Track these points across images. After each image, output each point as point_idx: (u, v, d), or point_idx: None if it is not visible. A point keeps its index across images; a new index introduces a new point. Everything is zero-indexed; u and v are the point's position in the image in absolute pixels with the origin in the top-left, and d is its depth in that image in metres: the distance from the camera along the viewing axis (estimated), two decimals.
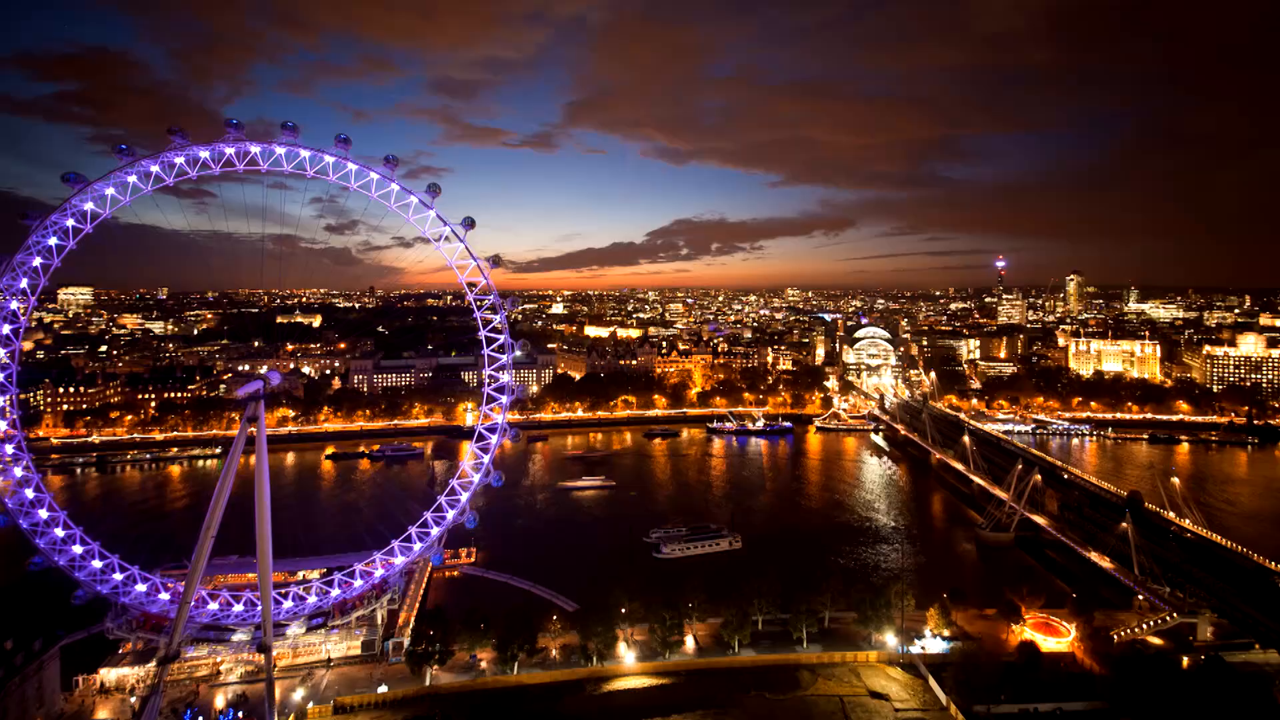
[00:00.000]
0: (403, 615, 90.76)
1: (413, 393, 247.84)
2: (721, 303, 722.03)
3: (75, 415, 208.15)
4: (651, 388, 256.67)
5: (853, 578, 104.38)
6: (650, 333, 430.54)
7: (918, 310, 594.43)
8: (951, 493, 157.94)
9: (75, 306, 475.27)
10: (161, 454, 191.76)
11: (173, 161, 75.73)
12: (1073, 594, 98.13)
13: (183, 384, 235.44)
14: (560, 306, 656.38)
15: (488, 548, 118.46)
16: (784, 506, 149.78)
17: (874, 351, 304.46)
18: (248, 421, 72.31)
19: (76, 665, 76.08)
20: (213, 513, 70.57)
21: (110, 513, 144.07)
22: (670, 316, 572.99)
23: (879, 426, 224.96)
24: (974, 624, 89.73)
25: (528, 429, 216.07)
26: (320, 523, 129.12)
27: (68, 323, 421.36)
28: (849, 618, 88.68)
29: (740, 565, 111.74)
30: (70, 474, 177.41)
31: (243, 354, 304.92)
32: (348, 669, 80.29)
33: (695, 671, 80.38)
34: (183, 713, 70.47)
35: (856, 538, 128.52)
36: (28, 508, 73.17)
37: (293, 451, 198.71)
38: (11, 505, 72.12)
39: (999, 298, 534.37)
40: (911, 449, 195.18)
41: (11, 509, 72.05)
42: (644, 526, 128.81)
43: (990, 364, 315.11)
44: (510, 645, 78.07)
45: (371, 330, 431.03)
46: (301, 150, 78.42)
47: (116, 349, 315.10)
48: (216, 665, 79.01)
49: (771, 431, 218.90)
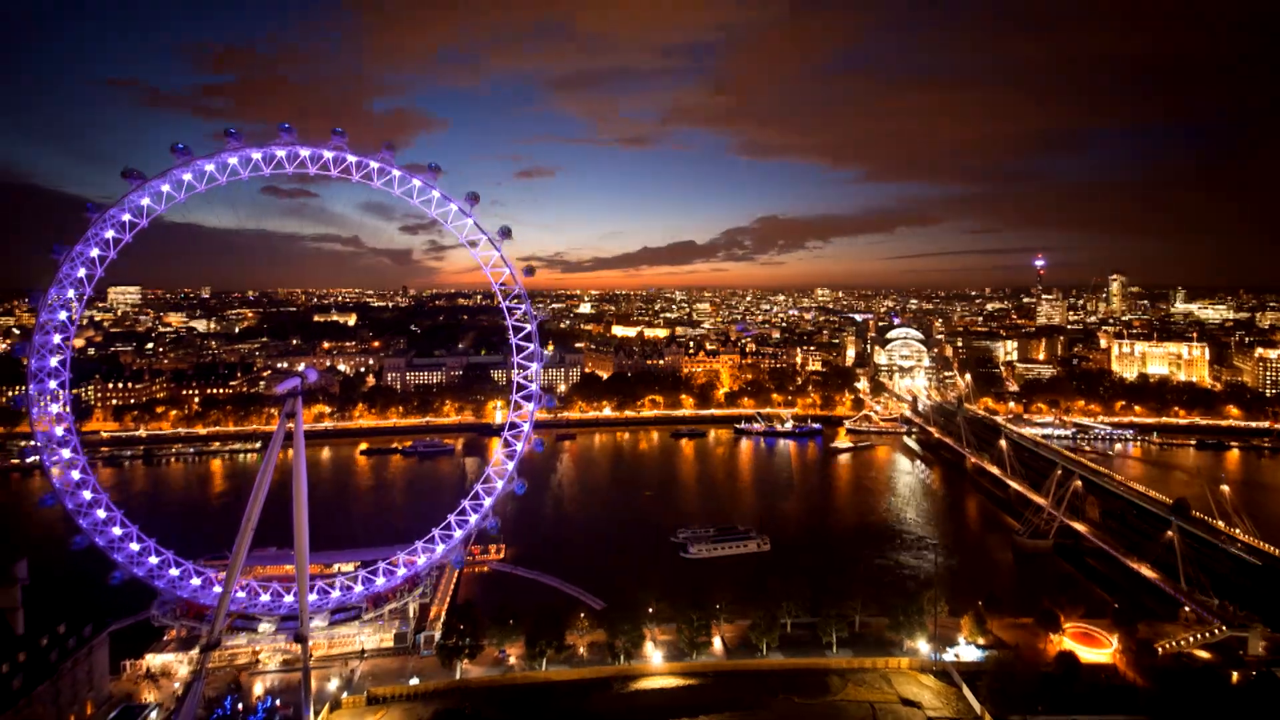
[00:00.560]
0: (434, 609, 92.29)
1: (444, 390, 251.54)
2: (749, 303, 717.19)
3: (123, 410, 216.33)
4: (679, 388, 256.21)
5: (883, 583, 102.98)
6: (677, 333, 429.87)
7: (952, 310, 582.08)
8: (987, 498, 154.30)
9: (124, 305, 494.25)
10: (204, 448, 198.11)
11: (226, 162, 78.45)
12: (1114, 604, 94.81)
13: (224, 380, 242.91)
14: (588, 306, 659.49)
15: (516, 544, 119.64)
16: (813, 509, 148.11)
17: (906, 353, 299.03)
18: (286, 417, 74.42)
19: (124, 650, 79.04)
20: (252, 505, 72.69)
21: (155, 504, 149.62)
22: (697, 316, 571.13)
23: (912, 429, 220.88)
24: (1010, 632, 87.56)
25: (555, 427, 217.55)
26: (354, 517, 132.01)
27: (116, 321, 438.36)
28: (880, 623, 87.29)
29: (768, 567, 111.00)
30: (119, 466, 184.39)
31: (281, 351, 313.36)
32: (381, 660, 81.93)
33: (723, 673, 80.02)
34: (223, 699, 72.69)
35: (887, 542, 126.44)
36: (74, 489, 76.16)
37: (328, 447, 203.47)
38: (59, 486, 75.20)
39: (1038, 298, 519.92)
40: (945, 452, 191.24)
41: (59, 490, 75.16)
42: (670, 526, 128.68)
43: (1028, 366, 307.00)
44: (539, 642, 78.76)
45: (404, 329, 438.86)
46: (349, 155, 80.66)
47: (162, 346, 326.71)
48: (255, 654, 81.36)
49: (800, 433, 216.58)
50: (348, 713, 73.15)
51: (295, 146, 79.31)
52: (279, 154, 79.09)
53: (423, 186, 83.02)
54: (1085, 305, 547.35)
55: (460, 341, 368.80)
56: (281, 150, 79.00)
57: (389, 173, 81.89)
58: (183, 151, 76.91)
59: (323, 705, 72.12)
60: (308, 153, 79.69)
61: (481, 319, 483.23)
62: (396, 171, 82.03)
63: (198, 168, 77.59)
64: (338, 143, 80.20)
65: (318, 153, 79.85)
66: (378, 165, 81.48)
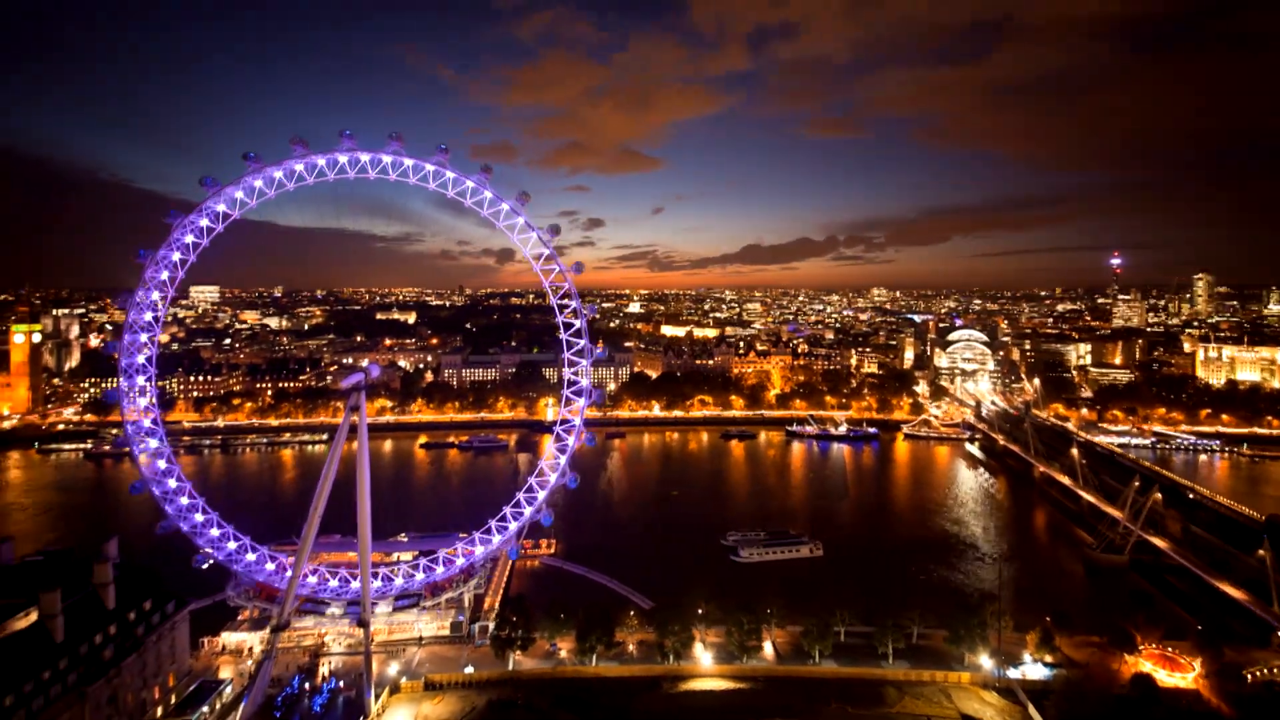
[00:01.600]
0: (488, 600, 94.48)
1: (498, 387, 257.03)
2: (801, 303, 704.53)
3: (203, 401, 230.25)
4: (728, 388, 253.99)
5: (943, 594, 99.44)
6: (727, 333, 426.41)
7: (1019, 311, 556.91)
8: (1056, 509, 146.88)
9: (204, 303, 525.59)
10: (276, 438, 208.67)
11: (293, 169, 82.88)
12: (1198, 626, 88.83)
13: (295, 374, 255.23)
14: (637, 305, 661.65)
15: (566, 540, 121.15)
16: (868, 516, 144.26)
17: (969, 355, 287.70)
18: (351, 410, 77.94)
19: (202, 628, 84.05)
20: (319, 495, 76.30)
21: (231, 491, 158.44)
22: (748, 316, 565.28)
23: (974, 435, 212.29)
24: (1080, 651, 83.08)
25: (605, 426, 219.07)
26: (413, 508, 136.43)
27: (198, 318, 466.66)
28: (939, 635, 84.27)
29: (821, 574, 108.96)
30: (198, 454, 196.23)
31: (347, 348, 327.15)
32: (437, 648, 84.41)
33: (774, 679, 78.86)
34: (291, 679, 76.38)
35: (947, 552, 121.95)
36: (160, 477, 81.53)
37: (390, 439, 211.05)
38: (147, 474, 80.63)
39: (1114, 298, 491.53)
40: (1011, 460, 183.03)
41: (147, 477, 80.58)
42: (720, 528, 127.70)
43: (1103, 371, 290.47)
44: (589, 637, 79.54)
45: (461, 327, 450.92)
46: (405, 159, 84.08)
47: (238, 342, 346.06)
48: (321, 637, 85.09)
49: (855, 437, 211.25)
50: (406, 697, 75.64)
51: (355, 152, 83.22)
52: (341, 159, 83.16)
53: (475, 187, 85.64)
54: (1167, 306, 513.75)
55: (513, 340, 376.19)
56: (344, 156, 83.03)
57: (443, 175, 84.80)
58: (254, 160, 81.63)
59: (383, 689, 74.79)
60: (367, 157, 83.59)
61: (534, 318, 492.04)
62: (450, 174, 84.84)
63: (268, 174, 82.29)
64: (395, 147, 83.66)
65: (376, 158, 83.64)
66: (433, 168, 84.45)
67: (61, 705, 58.76)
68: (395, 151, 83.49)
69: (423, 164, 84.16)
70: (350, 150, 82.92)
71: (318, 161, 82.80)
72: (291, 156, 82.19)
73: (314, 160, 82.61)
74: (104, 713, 62.69)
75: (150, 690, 69.22)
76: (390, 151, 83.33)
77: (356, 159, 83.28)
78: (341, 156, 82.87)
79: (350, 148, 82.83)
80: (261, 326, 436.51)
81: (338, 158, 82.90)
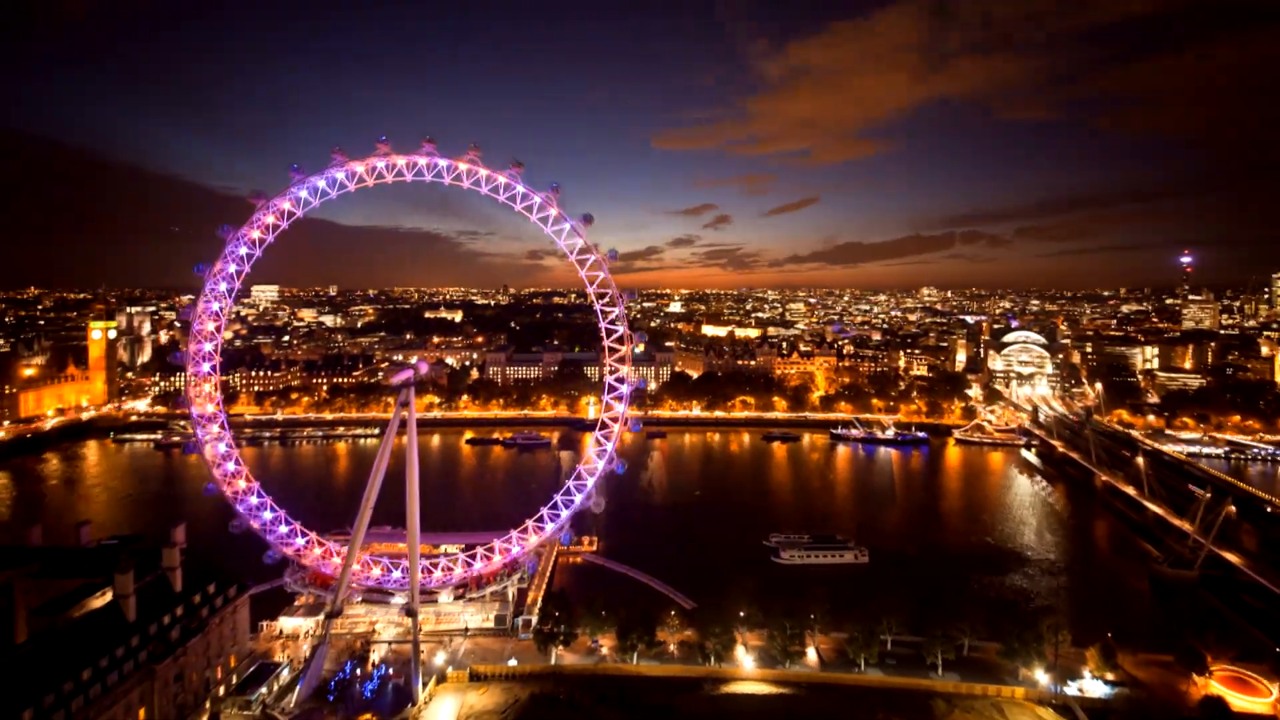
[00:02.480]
0: (531, 594, 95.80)
1: (540, 385, 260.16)
2: (847, 303, 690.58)
3: (264, 395, 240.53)
4: (771, 389, 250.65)
5: (996, 605, 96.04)
6: (769, 333, 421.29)
7: (1080, 312, 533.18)
8: (1119, 520, 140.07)
9: (265, 301, 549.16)
10: (331, 432, 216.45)
11: (376, 166, 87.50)
12: (1276, 648, 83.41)
13: (348, 370, 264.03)
14: (678, 305, 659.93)
15: (607, 538, 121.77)
16: (917, 522, 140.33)
17: (1026, 358, 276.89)
18: (401, 406, 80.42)
19: (261, 612, 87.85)
20: (371, 487, 78.90)
21: (290, 482, 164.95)
22: (791, 316, 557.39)
23: (1031, 442, 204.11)
24: (1144, 670, 78.99)
25: (646, 424, 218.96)
26: (459, 502, 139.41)
27: (258, 316, 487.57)
28: (991, 648, 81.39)
29: (867, 580, 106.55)
30: (259, 446, 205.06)
31: (397, 345, 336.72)
32: (482, 639, 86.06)
33: (817, 685, 77.52)
34: (344, 664, 79.06)
35: (1001, 562, 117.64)
36: (230, 479, 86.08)
37: (437, 434, 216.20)
38: (218, 475, 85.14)
39: (1183, 299, 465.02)
40: (1070, 469, 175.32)
41: (218, 479, 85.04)
42: (762, 530, 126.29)
43: (1172, 375, 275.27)
44: (630, 635, 79.77)
45: (505, 326, 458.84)
46: (481, 169, 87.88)
47: (296, 339, 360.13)
48: (372, 624, 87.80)
49: (904, 441, 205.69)
50: (452, 687, 77.31)
51: (435, 157, 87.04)
52: (420, 162, 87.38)
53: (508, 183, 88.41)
54: (1243, 307, 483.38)
55: (555, 339, 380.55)
56: (423, 159, 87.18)
57: (514, 188, 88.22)
58: (297, 171, 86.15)
59: (430, 678, 76.65)
60: (445, 163, 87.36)
61: (575, 317, 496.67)
62: (521, 188, 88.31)
63: (351, 170, 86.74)
64: (473, 156, 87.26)
65: (453, 164, 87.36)
66: (505, 180, 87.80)
67: (133, 681, 62.21)
68: (472, 161, 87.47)
69: (496, 176, 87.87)
70: (430, 155, 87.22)
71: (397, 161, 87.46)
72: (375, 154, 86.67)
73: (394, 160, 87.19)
74: (171, 690, 66.10)
75: (213, 670, 72.65)
76: (467, 160, 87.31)
77: (435, 163, 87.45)
78: (421, 159, 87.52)
79: (430, 152, 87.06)
80: (318, 324, 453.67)
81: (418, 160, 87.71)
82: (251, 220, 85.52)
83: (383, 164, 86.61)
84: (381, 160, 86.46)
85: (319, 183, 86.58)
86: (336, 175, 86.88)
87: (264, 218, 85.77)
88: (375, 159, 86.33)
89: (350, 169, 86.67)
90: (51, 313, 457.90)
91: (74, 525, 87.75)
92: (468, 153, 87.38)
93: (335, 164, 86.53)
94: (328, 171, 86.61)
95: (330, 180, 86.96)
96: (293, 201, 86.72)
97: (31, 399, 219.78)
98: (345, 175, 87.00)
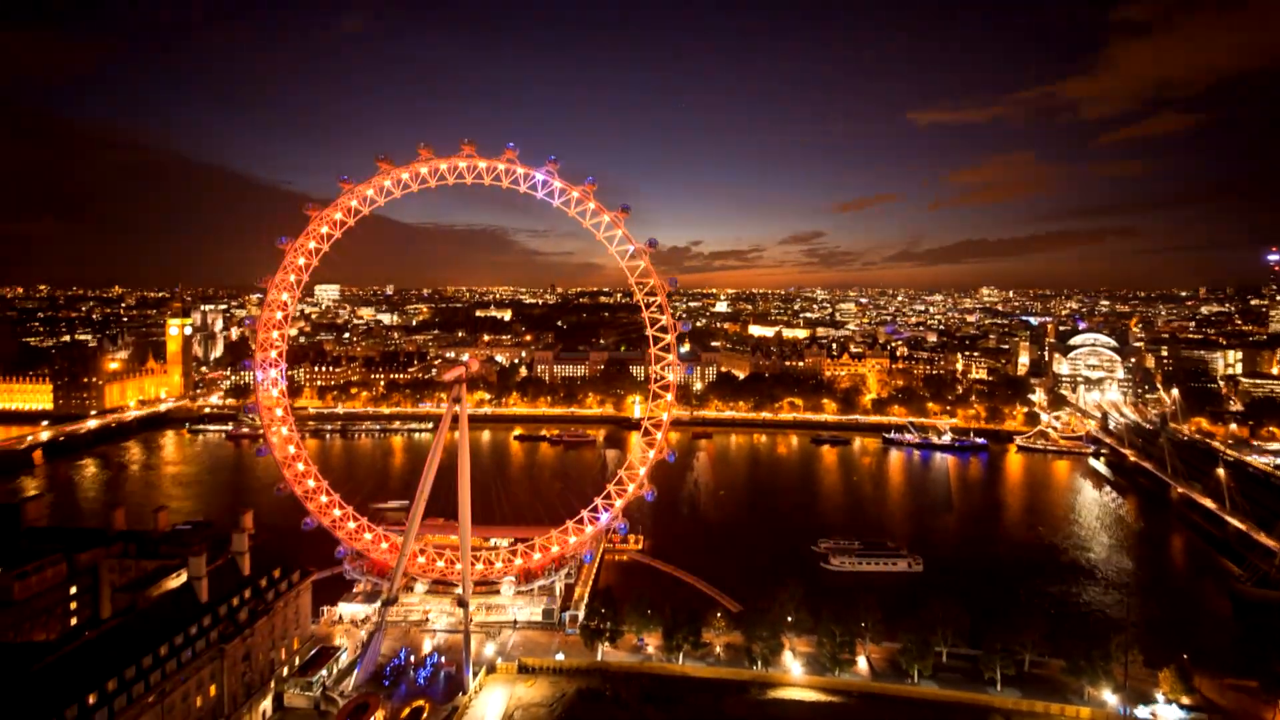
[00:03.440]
0: (578, 590, 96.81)
1: (586, 383, 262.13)
2: (901, 303, 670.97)
3: (326, 390, 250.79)
4: (820, 391, 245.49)
5: (1060, 621, 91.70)
6: (818, 333, 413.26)
7: (1154, 314, 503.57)
8: (1196, 535, 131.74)
9: (327, 300, 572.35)
10: (387, 425, 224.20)
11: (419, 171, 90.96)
12: None
13: (404, 367, 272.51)
14: (724, 304, 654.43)
15: (653, 537, 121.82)
16: (975, 532, 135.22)
17: (1095, 361, 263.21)
18: (453, 402, 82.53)
19: (322, 598, 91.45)
20: (425, 480, 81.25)
21: (351, 472, 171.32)
22: (841, 317, 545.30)
23: (1100, 450, 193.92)
24: (1224, 695, 74.10)
25: (691, 425, 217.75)
26: (508, 497, 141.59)
27: (321, 314, 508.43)
28: (1054, 664, 77.78)
29: (921, 590, 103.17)
30: (321, 438, 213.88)
31: (449, 343, 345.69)
32: (530, 633, 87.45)
33: (868, 695, 75.71)
34: (399, 650, 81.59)
35: (1066, 576, 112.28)
36: (300, 478, 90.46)
37: (487, 430, 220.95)
38: (289, 476, 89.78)
39: (1271, 298, 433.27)
40: (1143, 479, 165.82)
41: (289, 479, 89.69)
42: (810, 535, 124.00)
43: (1257, 381, 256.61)
44: (675, 635, 79.59)
45: (552, 324, 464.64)
46: (519, 168, 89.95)
47: (356, 336, 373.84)
48: (425, 614, 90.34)
49: (961, 447, 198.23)
50: (501, 678, 78.81)
51: (475, 159, 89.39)
52: (461, 165, 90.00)
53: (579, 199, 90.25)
54: None
55: (602, 338, 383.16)
56: (463, 162, 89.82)
57: (551, 185, 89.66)
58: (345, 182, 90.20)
59: (480, 668, 78.31)
60: (484, 164, 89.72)
61: (621, 316, 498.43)
62: (559, 184, 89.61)
63: (396, 176, 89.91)
64: (510, 157, 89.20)
65: (492, 165, 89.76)
66: (542, 177, 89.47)
67: (205, 658, 65.73)
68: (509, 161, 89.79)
69: (534, 174, 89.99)
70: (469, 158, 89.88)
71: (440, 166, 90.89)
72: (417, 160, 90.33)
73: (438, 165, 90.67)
74: (239, 669, 69.56)
75: (278, 651, 76.08)
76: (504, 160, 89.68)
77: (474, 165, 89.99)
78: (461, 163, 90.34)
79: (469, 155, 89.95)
80: (375, 322, 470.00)
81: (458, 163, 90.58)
82: (306, 231, 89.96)
83: (464, 164, 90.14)
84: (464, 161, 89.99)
85: (403, 174, 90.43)
86: (421, 169, 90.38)
87: (317, 228, 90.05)
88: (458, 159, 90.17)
89: (435, 165, 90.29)
90: (134, 310, 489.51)
91: (152, 510, 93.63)
92: (504, 154, 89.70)
93: (421, 159, 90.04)
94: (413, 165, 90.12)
95: (414, 174, 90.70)
96: (345, 211, 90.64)
97: (116, 391, 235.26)
98: (428, 170, 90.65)
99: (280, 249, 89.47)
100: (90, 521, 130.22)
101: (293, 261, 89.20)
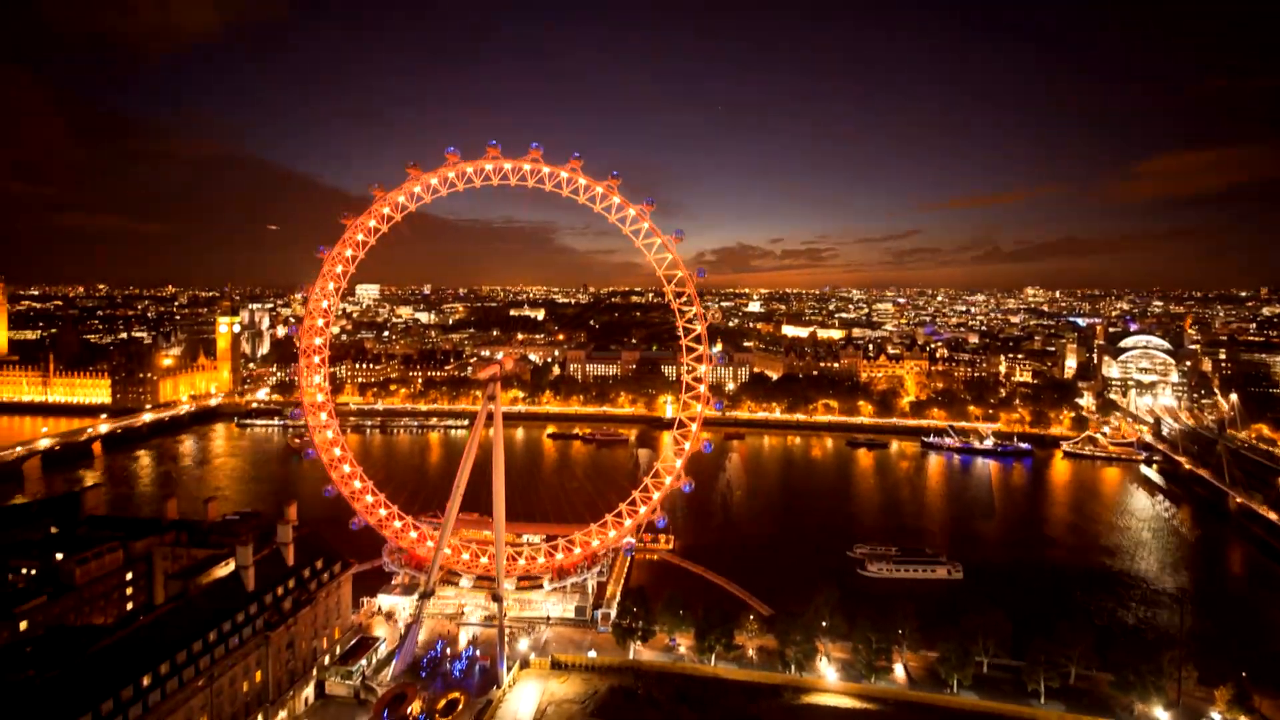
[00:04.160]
0: (610, 588, 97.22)
1: (618, 383, 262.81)
2: (940, 304, 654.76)
3: (366, 386, 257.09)
4: (855, 393, 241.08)
5: (1108, 633, 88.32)
6: (854, 334, 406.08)
7: (1212, 315, 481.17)
8: (1257, 548, 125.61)
9: (367, 299, 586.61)
10: (425, 422, 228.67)
11: (447, 175, 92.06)
12: None
13: (441, 364, 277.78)
14: (757, 304, 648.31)
15: (684, 537, 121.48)
16: (1018, 540, 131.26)
17: (1147, 365, 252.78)
18: (488, 400, 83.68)
19: (362, 590, 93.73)
20: (460, 476, 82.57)
21: (390, 467, 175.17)
22: (878, 317, 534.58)
23: (1152, 457, 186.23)
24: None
25: (724, 426, 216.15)
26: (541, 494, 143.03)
27: (362, 312, 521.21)
28: (1102, 679, 75.06)
29: (961, 598, 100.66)
30: (362, 434, 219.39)
31: (485, 341, 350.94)
32: (563, 629, 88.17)
33: (905, 704, 74.18)
34: (435, 642, 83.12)
35: (1115, 587, 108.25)
36: (346, 480, 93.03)
37: (521, 427, 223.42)
38: (335, 478, 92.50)
39: None
40: (1199, 488, 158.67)
41: (336, 481, 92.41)
42: (846, 540, 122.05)
43: None
44: (708, 636, 79.24)
45: (584, 324, 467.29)
46: (544, 167, 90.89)
47: (395, 334, 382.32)
48: (461, 608, 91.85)
49: (1004, 453, 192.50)
50: (535, 673, 79.62)
51: (502, 160, 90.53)
52: (487, 167, 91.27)
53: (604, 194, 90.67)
54: None
55: (634, 337, 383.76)
56: (489, 164, 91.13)
57: (575, 182, 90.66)
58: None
59: (514, 662, 79.24)
60: (510, 165, 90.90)
61: (653, 315, 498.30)
62: (583, 180, 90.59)
63: (425, 181, 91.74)
64: (534, 156, 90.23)
65: (518, 166, 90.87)
66: (566, 175, 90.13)
67: (252, 645, 67.98)
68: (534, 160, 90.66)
69: (558, 172, 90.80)
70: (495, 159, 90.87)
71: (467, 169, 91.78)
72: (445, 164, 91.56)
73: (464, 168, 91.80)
74: (283, 656, 71.75)
75: (320, 640, 78.25)
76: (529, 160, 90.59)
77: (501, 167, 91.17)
78: (488, 164, 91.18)
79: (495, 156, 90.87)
80: (413, 321, 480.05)
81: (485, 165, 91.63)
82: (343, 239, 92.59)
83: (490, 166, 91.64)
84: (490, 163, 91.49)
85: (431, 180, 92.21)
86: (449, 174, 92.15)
87: (353, 235, 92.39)
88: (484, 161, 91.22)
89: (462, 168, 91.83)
90: (186, 309, 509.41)
91: (203, 501, 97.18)
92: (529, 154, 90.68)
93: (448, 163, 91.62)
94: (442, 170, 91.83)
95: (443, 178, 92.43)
96: (378, 218, 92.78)
97: (169, 386, 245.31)
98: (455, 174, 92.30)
99: (318, 258, 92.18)
100: (145, 511, 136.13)
101: (331, 270, 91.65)
